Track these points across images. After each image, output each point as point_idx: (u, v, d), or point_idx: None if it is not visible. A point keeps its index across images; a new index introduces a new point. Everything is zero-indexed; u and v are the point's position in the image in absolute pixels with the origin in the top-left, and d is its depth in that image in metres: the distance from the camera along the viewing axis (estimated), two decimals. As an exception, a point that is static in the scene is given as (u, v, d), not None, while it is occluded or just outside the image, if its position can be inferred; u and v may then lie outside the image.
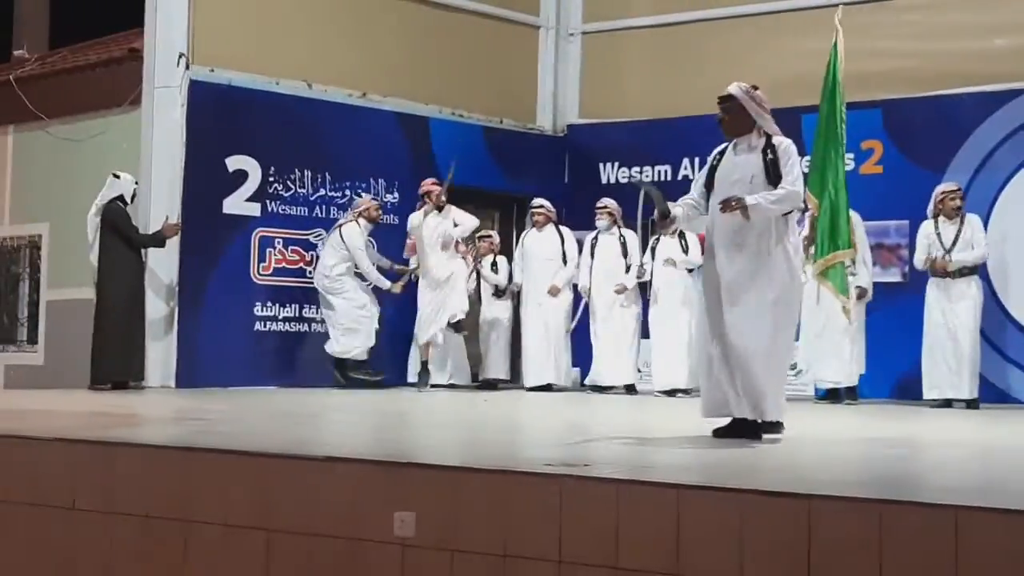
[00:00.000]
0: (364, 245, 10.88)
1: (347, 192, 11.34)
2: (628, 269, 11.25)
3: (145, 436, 5.89)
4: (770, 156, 6.13)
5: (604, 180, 12.86)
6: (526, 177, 12.86)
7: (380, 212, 11.20)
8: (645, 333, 11.33)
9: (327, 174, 11.28)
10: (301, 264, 11.10)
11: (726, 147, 6.33)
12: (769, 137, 6.21)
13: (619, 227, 11.43)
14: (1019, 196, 10.79)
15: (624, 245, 11.34)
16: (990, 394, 10.20)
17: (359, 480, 4.44)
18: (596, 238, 11.51)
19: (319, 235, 11.16)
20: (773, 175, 6.08)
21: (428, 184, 11.07)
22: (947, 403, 9.85)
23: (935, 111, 11.16)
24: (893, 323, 10.46)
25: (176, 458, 4.98)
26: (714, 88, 12.30)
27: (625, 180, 12.75)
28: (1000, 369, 10.46)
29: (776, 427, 6.09)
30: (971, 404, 9.82)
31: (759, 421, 5.99)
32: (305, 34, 11.37)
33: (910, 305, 10.35)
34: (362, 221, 10.98)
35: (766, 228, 6.03)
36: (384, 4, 11.99)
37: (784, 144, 6.18)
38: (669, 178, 12.56)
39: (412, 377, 11.43)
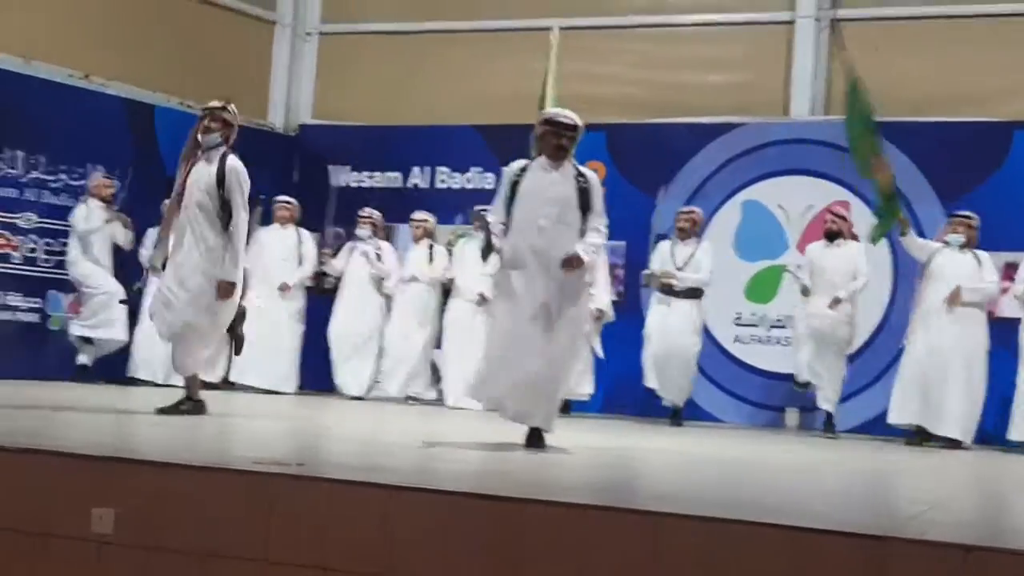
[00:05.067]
0: (82, 223, 10.53)
1: (63, 176, 10.92)
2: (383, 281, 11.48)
3: None
4: (583, 185, 6.48)
5: (334, 183, 12.84)
6: (255, 174, 12.65)
7: (111, 190, 10.83)
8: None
9: (42, 156, 10.83)
10: (8, 249, 10.62)
11: (527, 164, 6.58)
12: (575, 165, 6.56)
13: (378, 237, 11.58)
14: (726, 224, 11.39)
15: (379, 256, 11.48)
16: (690, 411, 10.70)
17: (55, 473, 4.26)
18: (354, 247, 11.56)
19: (29, 219, 10.70)
20: (583, 203, 6.46)
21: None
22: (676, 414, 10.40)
23: (656, 138, 11.64)
24: (610, 340, 10.76)
25: None
26: (443, 99, 12.65)
27: (356, 184, 12.80)
28: (701, 387, 10.96)
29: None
30: (676, 413, 10.30)
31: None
32: (25, 6, 10.92)
33: (626, 322, 10.73)
34: (92, 201, 10.65)
35: (568, 247, 6.35)
36: None
37: (594, 178, 6.63)
38: (400, 185, 12.68)
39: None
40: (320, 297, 11.67)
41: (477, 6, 12.70)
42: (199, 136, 7.39)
